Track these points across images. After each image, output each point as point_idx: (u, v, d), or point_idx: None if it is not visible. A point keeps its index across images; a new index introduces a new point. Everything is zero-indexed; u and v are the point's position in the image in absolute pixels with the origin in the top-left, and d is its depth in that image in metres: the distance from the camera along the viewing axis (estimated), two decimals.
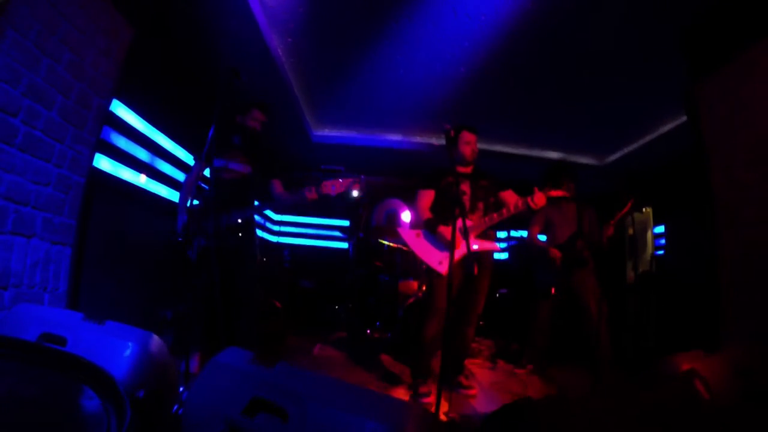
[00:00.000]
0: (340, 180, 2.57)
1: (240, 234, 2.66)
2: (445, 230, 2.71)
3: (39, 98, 2.15)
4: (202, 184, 3.10)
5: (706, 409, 1.29)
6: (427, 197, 2.92)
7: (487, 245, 2.77)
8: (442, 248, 2.77)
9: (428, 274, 2.86)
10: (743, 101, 2.39)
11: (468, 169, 2.94)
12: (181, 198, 2.70)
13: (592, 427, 1.15)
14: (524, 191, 2.75)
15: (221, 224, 2.61)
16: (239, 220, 2.64)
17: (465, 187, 2.86)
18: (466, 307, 2.86)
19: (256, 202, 2.87)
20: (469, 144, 2.87)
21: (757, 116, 2.30)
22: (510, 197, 2.87)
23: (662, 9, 2.77)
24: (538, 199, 2.63)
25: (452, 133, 2.52)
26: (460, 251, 2.68)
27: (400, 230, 3.07)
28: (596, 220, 3.57)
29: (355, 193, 6.42)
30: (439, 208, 2.89)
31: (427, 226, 2.82)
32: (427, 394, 2.72)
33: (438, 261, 2.74)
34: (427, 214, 2.87)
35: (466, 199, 2.85)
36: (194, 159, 2.92)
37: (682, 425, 1.24)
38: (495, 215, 2.73)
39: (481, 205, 2.87)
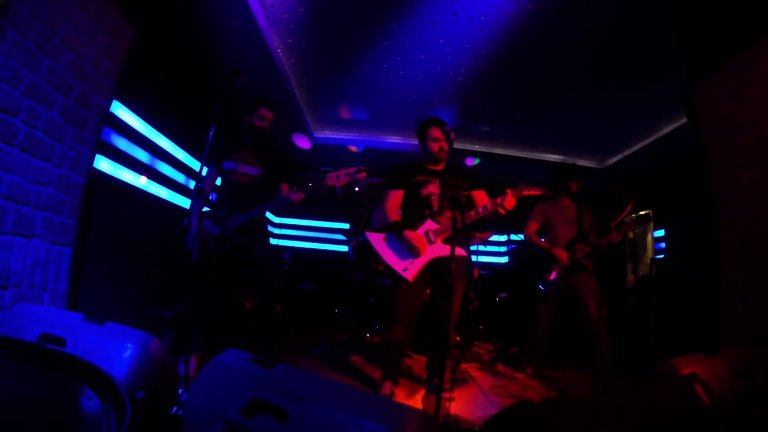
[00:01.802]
0: (343, 171, 2.48)
1: (248, 236, 2.62)
2: (411, 235, 2.61)
3: (39, 98, 2.15)
4: (202, 186, 3.09)
5: (706, 411, 1.29)
6: (395, 198, 2.81)
7: (455, 251, 2.54)
8: (407, 254, 2.63)
9: (392, 279, 2.72)
10: (743, 101, 2.40)
11: (438, 167, 2.83)
12: (192, 204, 2.63)
13: (591, 430, 1.14)
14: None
15: (227, 227, 2.59)
16: (244, 222, 2.60)
17: (434, 186, 2.76)
18: (441, 313, 2.72)
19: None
20: (437, 141, 2.73)
21: (756, 116, 2.31)
22: (480, 198, 2.76)
23: (662, 10, 2.78)
24: (508, 201, 2.57)
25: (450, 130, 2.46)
26: (427, 255, 2.62)
27: (366, 233, 2.88)
28: (594, 221, 3.57)
29: (356, 188, 6.42)
30: (408, 209, 2.80)
31: (393, 230, 2.69)
32: (389, 397, 2.66)
33: (403, 267, 2.61)
34: (395, 216, 2.76)
35: (435, 200, 2.73)
36: (207, 165, 2.88)
37: (682, 427, 1.24)
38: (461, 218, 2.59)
39: (446, 205, 2.73)
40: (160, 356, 1.43)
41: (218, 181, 3.06)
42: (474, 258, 5.05)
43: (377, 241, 2.74)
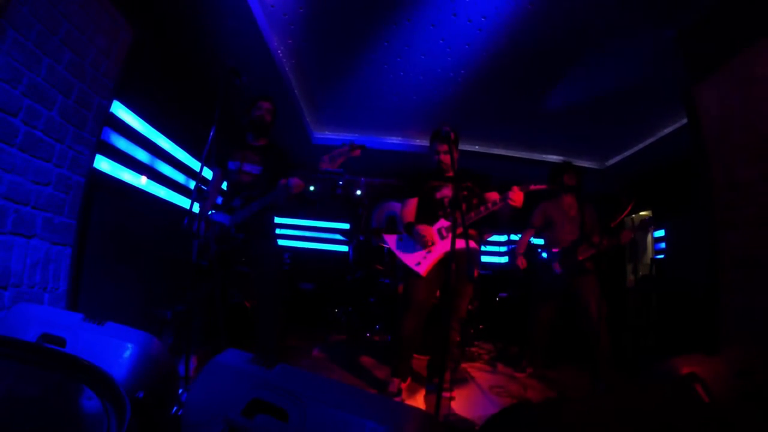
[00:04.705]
0: (336, 152, 2.51)
1: (248, 233, 2.62)
2: (422, 229, 2.72)
3: (39, 98, 2.15)
4: (202, 186, 3.09)
5: (706, 411, 1.29)
6: (411, 204, 2.95)
7: (463, 244, 2.57)
8: (420, 249, 2.76)
9: (406, 274, 2.84)
10: (743, 101, 2.40)
11: (452, 173, 2.90)
12: (200, 207, 2.67)
13: (591, 430, 1.14)
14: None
15: (229, 226, 2.60)
16: (244, 218, 2.60)
17: (447, 190, 2.87)
18: (448, 311, 2.74)
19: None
20: (439, 154, 2.88)
21: (756, 116, 2.31)
22: (495, 197, 2.82)
23: (662, 10, 2.78)
24: (516, 195, 2.63)
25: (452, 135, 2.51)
26: (439, 249, 2.72)
27: (384, 234, 3.05)
28: (596, 219, 3.56)
29: (358, 192, 6.43)
30: (423, 212, 2.91)
31: (407, 229, 2.83)
32: (396, 394, 2.70)
33: (416, 261, 2.74)
34: (411, 219, 2.90)
35: (447, 202, 2.85)
36: (211, 168, 2.89)
37: (682, 427, 1.24)
38: (472, 213, 2.72)
39: (462, 207, 2.79)
40: (160, 356, 1.42)
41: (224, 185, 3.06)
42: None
43: (392, 240, 2.92)
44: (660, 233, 5.53)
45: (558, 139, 5.16)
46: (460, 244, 2.47)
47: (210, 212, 2.72)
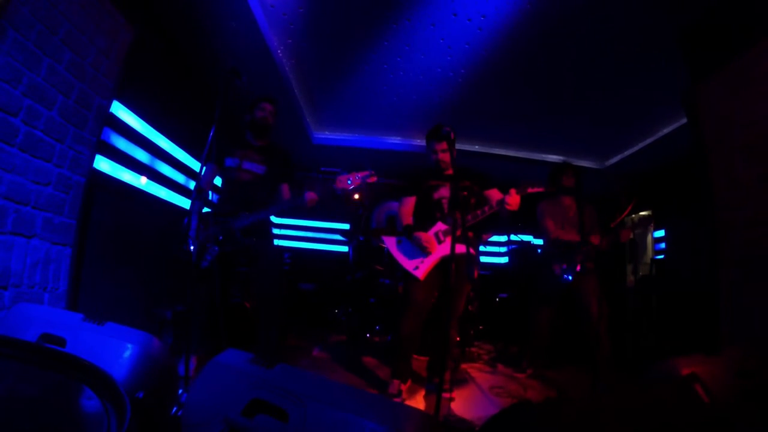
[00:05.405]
0: (356, 174, 2.53)
1: (256, 236, 2.61)
2: (421, 236, 2.72)
3: (40, 98, 2.15)
4: (201, 185, 3.08)
5: (706, 411, 1.29)
6: (409, 203, 2.94)
7: (462, 248, 2.59)
8: (418, 253, 2.76)
9: (405, 277, 2.85)
10: (743, 101, 2.40)
11: (450, 171, 2.90)
12: (192, 204, 2.63)
13: (591, 430, 1.14)
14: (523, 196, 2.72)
15: (234, 229, 2.57)
16: (252, 223, 2.58)
17: (445, 190, 2.86)
18: (446, 311, 2.76)
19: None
20: (437, 153, 2.87)
21: (756, 116, 2.30)
22: (494, 195, 2.82)
23: (662, 10, 2.78)
24: (512, 199, 2.62)
25: (451, 134, 2.50)
26: (436, 254, 2.72)
27: (383, 236, 3.04)
28: (596, 220, 3.55)
29: (356, 195, 6.45)
30: (420, 213, 2.90)
31: (405, 231, 2.82)
32: (396, 395, 2.71)
33: (414, 266, 2.74)
34: (408, 220, 2.89)
35: (445, 203, 2.84)
36: (205, 163, 2.88)
37: (682, 427, 1.24)
38: (469, 216, 2.68)
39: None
40: (160, 356, 1.42)
41: (218, 181, 3.04)
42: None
43: (391, 243, 2.90)
44: (660, 233, 5.54)
45: (558, 139, 5.16)
46: (459, 248, 2.49)
47: (204, 209, 2.68)
